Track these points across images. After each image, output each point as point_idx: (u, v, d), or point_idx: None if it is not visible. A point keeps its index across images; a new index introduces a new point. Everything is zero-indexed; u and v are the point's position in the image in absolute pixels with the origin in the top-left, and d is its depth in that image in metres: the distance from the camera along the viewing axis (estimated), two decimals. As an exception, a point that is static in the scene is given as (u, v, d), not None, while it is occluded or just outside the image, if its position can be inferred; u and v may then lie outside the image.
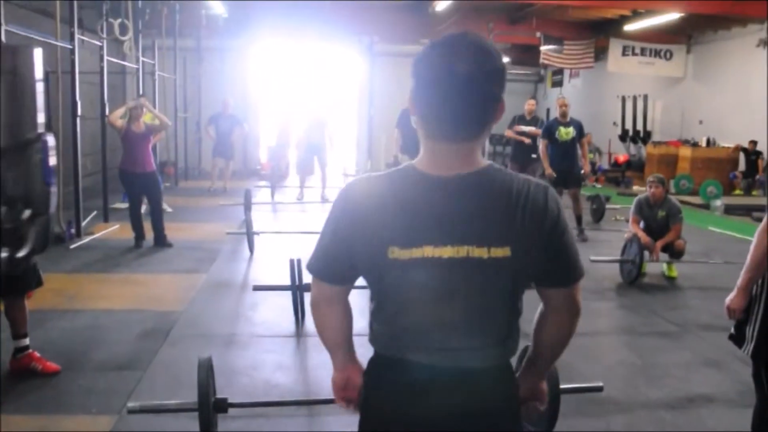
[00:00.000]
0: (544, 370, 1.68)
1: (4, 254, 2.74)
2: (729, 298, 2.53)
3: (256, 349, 4.47)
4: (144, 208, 7.98)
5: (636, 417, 3.55)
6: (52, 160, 3.13)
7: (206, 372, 2.87)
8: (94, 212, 8.79)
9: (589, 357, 4.45)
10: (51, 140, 3.31)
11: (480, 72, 1.38)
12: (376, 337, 1.55)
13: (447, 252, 1.40)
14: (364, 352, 1.65)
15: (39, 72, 2.65)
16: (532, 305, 1.62)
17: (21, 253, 2.82)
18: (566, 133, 8.50)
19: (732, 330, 2.61)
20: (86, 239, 7.58)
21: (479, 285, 1.44)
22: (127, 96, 13.23)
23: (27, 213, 2.74)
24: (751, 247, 2.41)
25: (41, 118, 2.71)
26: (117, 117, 7.24)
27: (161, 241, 7.39)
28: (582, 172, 8.96)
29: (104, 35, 8.55)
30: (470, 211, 1.41)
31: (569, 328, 1.57)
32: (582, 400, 3.55)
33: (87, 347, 4.34)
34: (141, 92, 10.20)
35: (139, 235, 7.39)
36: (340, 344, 1.65)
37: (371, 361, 1.59)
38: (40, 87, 2.64)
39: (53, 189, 3.11)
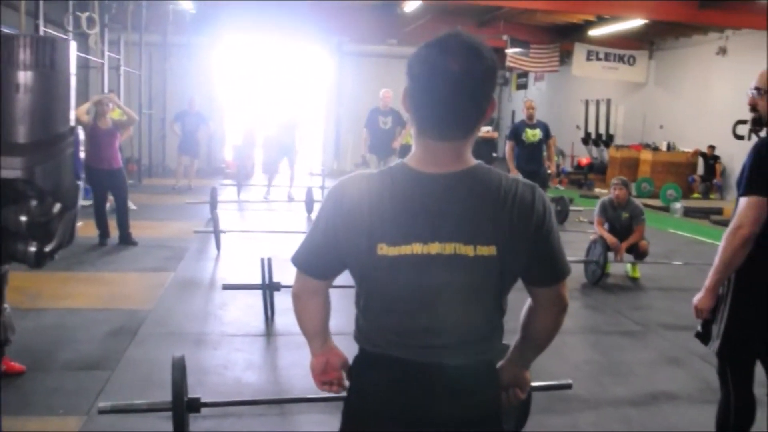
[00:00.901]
0: (530, 360, 1.72)
1: (32, 248, 2.69)
2: (697, 298, 2.60)
3: (226, 348, 4.44)
4: (108, 206, 7.87)
5: (603, 414, 3.62)
6: (82, 155, 3.10)
7: (180, 371, 2.85)
8: (57, 209, 8.62)
9: (557, 355, 4.52)
10: (81, 134, 3.29)
11: (473, 72, 1.39)
12: (363, 334, 1.57)
13: (434, 249, 1.43)
14: (346, 351, 1.67)
15: (73, 65, 2.62)
16: (520, 302, 1.65)
17: (49, 248, 2.77)
18: (533, 135, 8.62)
19: (698, 328, 2.69)
20: (49, 237, 7.41)
21: (464, 283, 1.46)
22: (92, 91, 12.97)
23: (57, 207, 2.68)
24: (719, 250, 2.48)
25: (73, 112, 2.68)
26: (83, 112, 7.12)
27: (126, 239, 7.29)
28: (548, 173, 9.11)
29: (70, 29, 8.39)
30: (459, 210, 1.43)
31: (556, 321, 1.61)
32: (551, 397, 3.61)
33: (52, 347, 4.26)
34: (107, 88, 10.05)
35: (104, 233, 7.27)
36: (318, 332, 1.68)
37: (356, 359, 1.61)
38: (73, 81, 2.61)
39: (81, 184, 3.08)
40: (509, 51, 15.71)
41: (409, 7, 13.54)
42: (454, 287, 1.46)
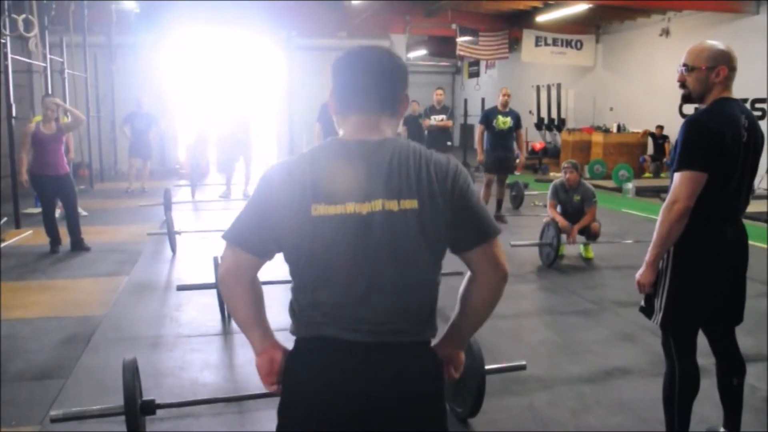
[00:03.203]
0: (466, 339, 1.76)
1: None
2: (639, 273, 2.67)
3: (182, 350, 4.40)
4: (59, 212, 7.70)
5: (558, 393, 3.69)
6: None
7: (131, 374, 2.82)
8: (5, 218, 8.41)
9: (513, 338, 4.60)
10: None
11: (384, 63, 1.63)
12: (297, 318, 1.60)
13: (365, 208, 1.52)
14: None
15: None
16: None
17: None
18: (504, 122, 8.72)
19: (642, 303, 2.76)
20: (-3, 247, 7.25)
21: (394, 240, 1.52)
22: (36, 96, 12.66)
23: None
24: (657, 225, 2.55)
25: None
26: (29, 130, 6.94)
27: (78, 245, 7.15)
28: (517, 161, 9.27)
29: (7, 32, 8.14)
30: (383, 169, 1.55)
31: (495, 291, 1.64)
32: (507, 379, 3.68)
33: (4, 358, 4.16)
34: (50, 92, 9.80)
35: (55, 240, 7.11)
36: (254, 322, 1.66)
37: (289, 354, 1.63)
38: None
39: None
40: (459, 40, 15.82)
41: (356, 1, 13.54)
42: (384, 249, 1.52)
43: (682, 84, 2.59)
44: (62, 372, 3.96)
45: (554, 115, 17.39)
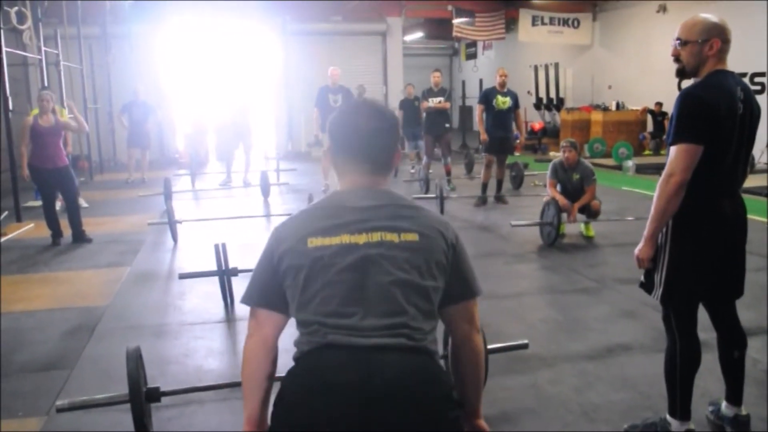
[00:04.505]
0: (475, 405, 1.80)
1: None
2: (637, 249, 2.67)
3: (186, 337, 4.42)
4: (59, 205, 7.71)
5: (560, 370, 3.71)
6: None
7: (135, 362, 2.83)
8: (6, 212, 8.42)
9: (515, 317, 4.62)
10: None
11: (379, 125, 1.69)
12: (299, 341, 1.63)
13: (362, 239, 1.60)
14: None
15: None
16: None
17: None
18: (503, 102, 8.71)
19: (642, 278, 2.77)
20: (-1, 240, 7.26)
21: (394, 264, 1.58)
22: (33, 89, 12.62)
23: None
24: (654, 199, 2.55)
25: None
26: (27, 124, 6.93)
27: (80, 237, 7.16)
28: (517, 141, 9.25)
29: (0, 25, 8.10)
30: (382, 212, 1.65)
31: (477, 347, 1.75)
32: (510, 358, 3.69)
33: (8, 351, 4.18)
34: (46, 85, 9.77)
35: (56, 233, 7.13)
36: (259, 386, 1.68)
37: (287, 373, 1.62)
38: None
39: None
40: (455, 21, 15.74)
41: (352, -17, 13.45)
42: (383, 272, 1.57)
43: (676, 58, 2.58)
44: (67, 362, 3.98)
45: (553, 94, 17.32)
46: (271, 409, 1.65)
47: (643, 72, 14.39)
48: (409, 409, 1.46)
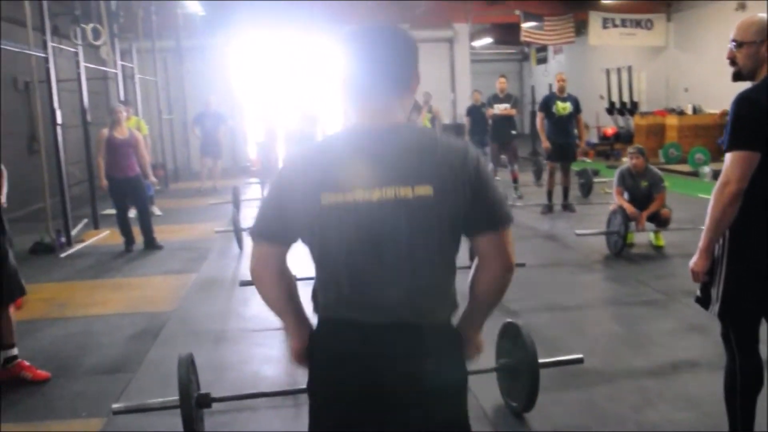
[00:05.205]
0: (477, 323, 1.75)
1: None
2: (692, 261, 2.55)
3: (245, 344, 4.51)
4: (134, 213, 8.01)
5: (619, 386, 3.59)
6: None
7: (186, 369, 2.91)
8: (85, 220, 8.81)
9: (575, 330, 4.50)
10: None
11: (391, 42, 1.59)
12: (317, 299, 1.63)
13: (376, 194, 1.51)
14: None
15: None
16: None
17: None
18: (563, 107, 8.57)
19: (698, 292, 2.64)
20: (77, 247, 7.60)
21: (408, 228, 1.52)
22: (111, 101, 13.19)
23: None
24: (709, 208, 2.44)
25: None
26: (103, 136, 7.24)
27: (151, 244, 7.42)
28: (578, 147, 9.07)
29: (78, 41, 8.51)
30: (395, 155, 1.53)
31: (500, 280, 1.64)
32: (566, 372, 3.60)
33: (77, 353, 4.38)
34: (122, 98, 10.19)
35: (129, 240, 7.41)
36: (286, 309, 1.70)
37: (312, 336, 1.66)
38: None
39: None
40: (523, 26, 15.53)
41: (418, -10, 13.48)
42: (398, 234, 1.52)
43: (732, 61, 2.46)
44: (131, 366, 4.13)
45: (626, 98, 16.83)
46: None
47: (721, 73, 13.66)
48: (419, 389, 1.54)
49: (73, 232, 7.88)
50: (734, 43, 2.45)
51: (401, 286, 1.54)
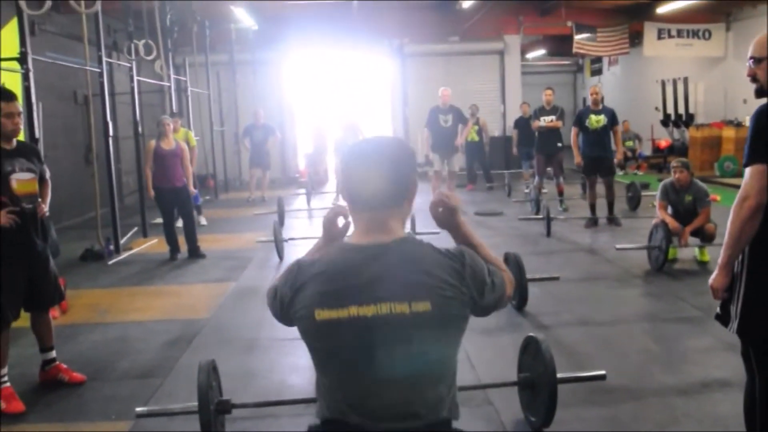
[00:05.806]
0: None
1: None
2: (712, 278, 2.49)
3: (275, 352, 4.57)
4: (180, 222, 8.23)
5: (646, 404, 3.50)
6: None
7: (207, 375, 2.97)
8: (135, 228, 9.09)
9: (607, 345, 4.41)
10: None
11: (387, 157, 1.67)
12: (321, 399, 1.68)
13: (370, 311, 1.55)
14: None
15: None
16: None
17: None
18: (597, 120, 8.44)
19: (717, 309, 2.57)
20: (125, 255, 7.85)
21: (405, 341, 1.55)
22: (167, 113, 13.61)
23: None
24: (728, 224, 2.38)
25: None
26: (150, 147, 7.47)
27: (195, 253, 7.60)
28: (615, 160, 8.88)
29: (132, 56, 8.83)
30: (391, 273, 1.58)
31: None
32: (591, 388, 3.53)
33: (114, 358, 4.52)
34: (175, 110, 10.50)
35: (174, 248, 7.60)
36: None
37: (319, 427, 1.68)
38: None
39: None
40: (576, 37, 15.33)
41: (467, 3, 13.48)
42: (394, 349, 1.54)
43: (753, 78, 2.40)
44: (162, 371, 4.24)
45: (681, 110, 16.41)
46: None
47: (782, 84, 13.34)
48: None
49: (123, 240, 8.14)
50: (752, 60, 2.40)
51: (397, 399, 1.57)
